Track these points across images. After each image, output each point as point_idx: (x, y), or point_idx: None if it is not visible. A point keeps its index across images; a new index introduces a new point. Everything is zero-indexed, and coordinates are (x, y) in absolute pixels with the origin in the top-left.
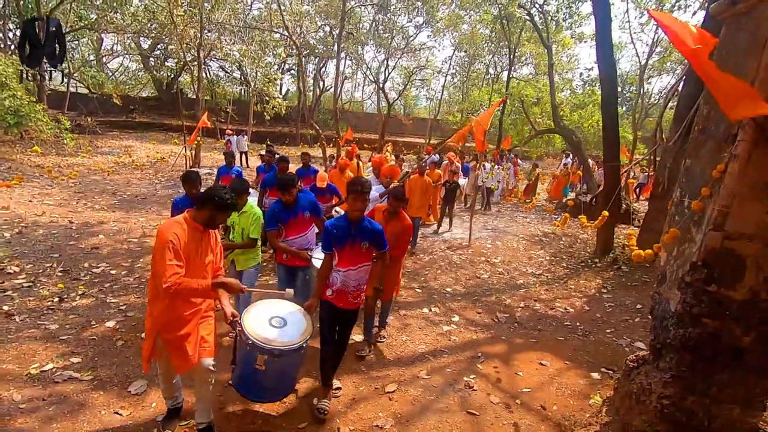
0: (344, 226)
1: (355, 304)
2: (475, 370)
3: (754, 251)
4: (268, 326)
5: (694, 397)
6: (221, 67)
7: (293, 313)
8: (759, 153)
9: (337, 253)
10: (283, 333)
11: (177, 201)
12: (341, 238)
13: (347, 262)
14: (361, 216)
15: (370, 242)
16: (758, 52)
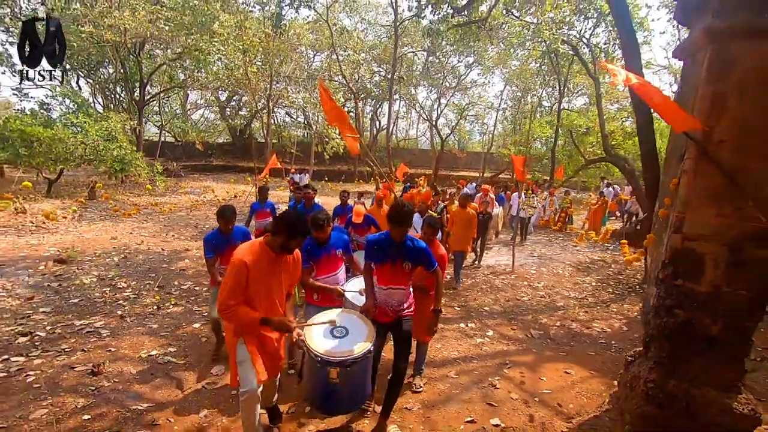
0: (386, 244)
1: (398, 315)
2: (501, 373)
3: (711, 250)
4: (331, 338)
5: (675, 381)
6: (287, 113)
7: (352, 320)
8: (702, 167)
9: (378, 270)
10: (347, 342)
11: (209, 237)
12: (382, 256)
13: (388, 280)
14: (403, 238)
15: (414, 262)
16: (697, 87)
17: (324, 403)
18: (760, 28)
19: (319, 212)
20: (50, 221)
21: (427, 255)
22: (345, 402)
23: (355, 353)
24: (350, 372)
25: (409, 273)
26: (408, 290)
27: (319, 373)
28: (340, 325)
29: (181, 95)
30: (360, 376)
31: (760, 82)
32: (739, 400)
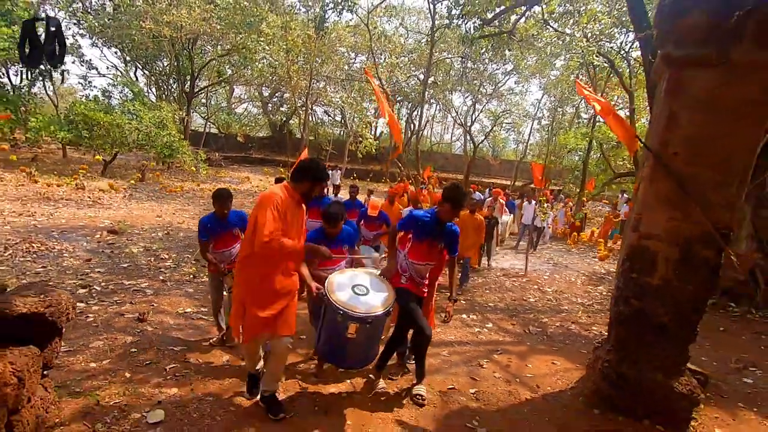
0: (431, 223)
1: (423, 292)
2: (490, 357)
3: (662, 248)
4: (353, 295)
5: (627, 363)
6: (325, 112)
7: (373, 280)
8: (658, 175)
9: (412, 244)
10: (368, 300)
11: (204, 219)
12: (424, 233)
13: (421, 256)
14: (449, 221)
15: (447, 244)
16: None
17: (335, 355)
18: (707, 58)
19: (332, 205)
20: (106, 194)
21: (457, 240)
22: (354, 358)
23: (376, 312)
24: (367, 329)
25: (440, 252)
26: (433, 267)
27: (338, 326)
28: (362, 284)
29: (227, 89)
30: (374, 335)
31: (706, 104)
32: (680, 381)
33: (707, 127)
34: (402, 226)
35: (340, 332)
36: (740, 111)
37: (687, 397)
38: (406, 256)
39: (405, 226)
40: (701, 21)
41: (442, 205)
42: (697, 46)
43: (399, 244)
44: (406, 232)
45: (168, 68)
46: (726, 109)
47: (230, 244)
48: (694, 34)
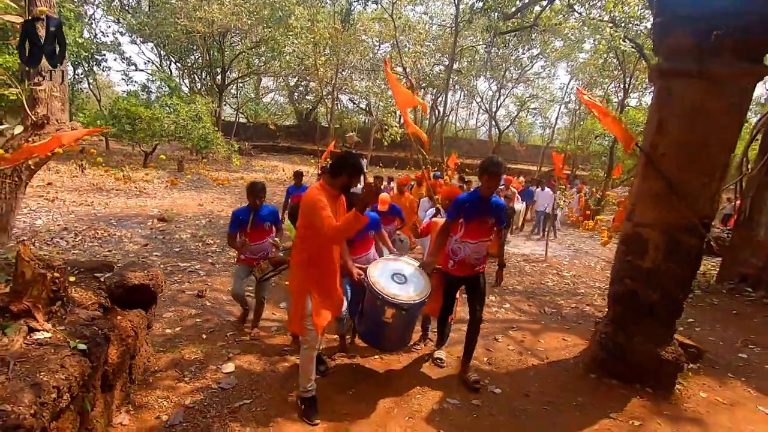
0: (476, 201)
1: (477, 270)
2: (506, 333)
3: (653, 235)
4: (392, 282)
5: (622, 335)
6: (350, 100)
7: (411, 271)
8: (649, 172)
9: (465, 226)
10: (406, 288)
11: (238, 212)
12: (472, 212)
13: (475, 235)
14: (492, 194)
15: (495, 218)
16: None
17: (371, 337)
18: (690, 71)
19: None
20: (150, 185)
21: (504, 212)
22: (388, 342)
23: (412, 300)
24: (403, 316)
25: (491, 227)
26: (488, 242)
27: (376, 310)
28: (400, 273)
29: (255, 80)
30: (408, 323)
31: (690, 111)
32: (667, 350)
33: (691, 131)
34: (452, 215)
35: (379, 316)
36: (719, 118)
37: (673, 363)
38: (459, 239)
39: (454, 214)
40: (685, 39)
41: (481, 179)
42: (683, 60)
43: (452, 232)
44: (457, 218)
45: (200, 61)
46: (707, 116)
47: (263, 237)
48: (679, 50)
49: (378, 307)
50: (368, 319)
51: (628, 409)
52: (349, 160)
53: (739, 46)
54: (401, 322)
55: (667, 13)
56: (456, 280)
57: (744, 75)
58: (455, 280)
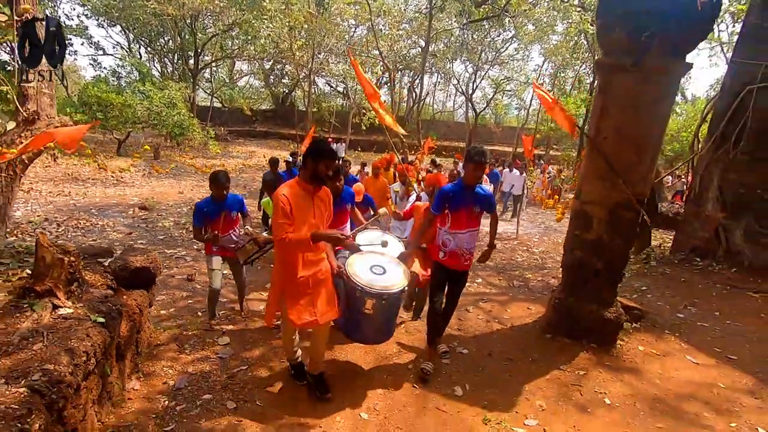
0: (461, 191)
1: (466, 265)
2: (476, 305)
3: (597, 211)
4: (371, 273)
5: (572, 298)
6: (327, 83)
7: (390, 262)
8: (593, 155)
9: (451, 216)
10: (385, 278)
11: (201, 204)
12: (458, 202)
13: (462, 224)
14: (477, 182)
15: (483, 206)
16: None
17: (353, 330)
18: (624, 65)
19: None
20: (127, 174)
21: (492, 201)
22: (371, 334)
23: (392, 289)
24: (384, 306)
25: (478, 216)
26: (477, 232)
27: (356, 302)
28: (379, 264)
29: (229, 64)
30: (390, 313)
31: (627, 100)
32: (610, 311)
33: (628, 117)
34: (437, 207)
35: (359, 308)
36: (650, 105)
37: (614, 322)
38: (448, 230)
39: (439, 206)
40: (622, 37)
41: (466, 168)
42: (620, 55)
43: (439, 223)
44: (442, 210)
45: (172, 45)
46: (641, 104)
47: (230, 227)
48: (617, 47)
49: (357, 299)
50: (349, 313)
51: (576, 362)
52: (311, 146)
53: (665, 44)
54: (382, 312)
55: (606, 15)
56: (446, 272)
57: (670, 69)
58: (446, 272)
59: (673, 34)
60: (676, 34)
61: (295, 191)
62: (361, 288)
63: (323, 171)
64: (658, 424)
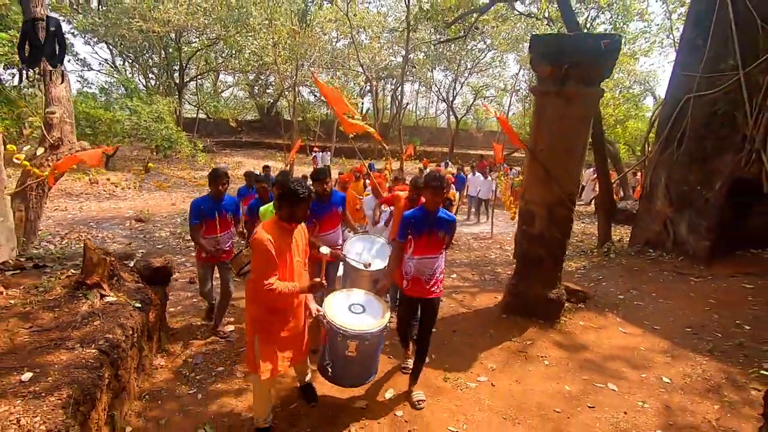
0: (422, 216)
1: (433, 293)
2: (449, 296)
3: (538, 210)
4: (350, 314)
5: (523, 283)
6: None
7: (368, 299)
8: (533, 164)
9: (414, 242)
10: (365, 318)
11: (198, 201)
12: (419, 228)
13: (423, 250)
14: (438, 207)
15: (446, 231)
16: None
17: (338, 374)
18: (551, 92)
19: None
20: (118, 187)
21: (454, 226)
22: (355, 375)
23: (373, 329)
24: (367, 346)
25: (442, 241)
26: (441, 257)
27: (338, 345)
28: (357, 303)
29: (213, 76)
30: (373, 351)
31: (555, 120)
32: (553, 292)
33: (557, 133)
34: (401, 235)
35: (342, 352)
36: (573, 124)
37: (556, 301)
38: (411, 256)
39: (402, 232)
40: (547, 68)
41: (424, 195)
42: (548, 84)
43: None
44: (406, 236)
45: (157, 60)
46: (566, 122)
47: (224, 229)
48: (546, 77)
49: (339, 342)
50: (331, 358)
51: (525, 335)
52: (286, 187)
53: (580, 74)
54: (366, 352)
55: (535, 51)
56: (411, 301)
57: (586, 94)
58: (411, 301)
59: (585, 68)
60: (587, 68)
61: (277, 231)
62: (344, 332)
63: (302, 215)
64: (584, 376)
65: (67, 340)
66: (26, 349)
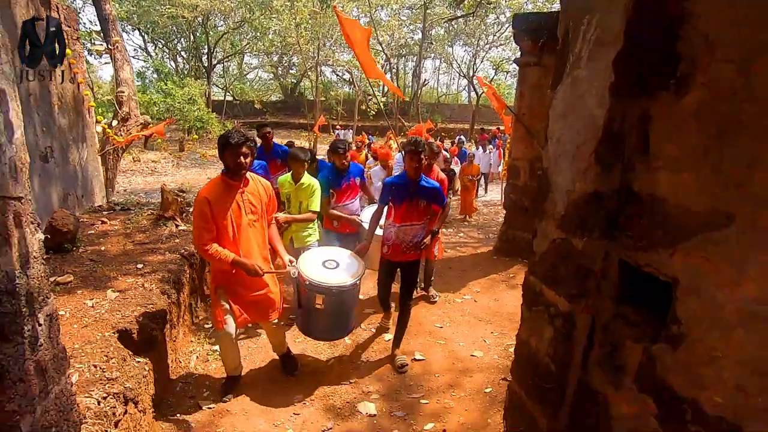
0: (403, 184)
1: (410, 256)
2: (455, 248)
3: (522, 165)
4: (322, 268)
5: (511, 229)
6: (333, 72)
7: (345, 256)
8: (517, 125)
9: (395, 209)
10: (337, 273)
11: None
12: (400, 196)
13: (404, 218)
14: (418, 175)
15: (428, 200)
16: None
17: (307, 326)
18: (533, 62)
19: (338, 140)
20: (158, 164)
21: (440, 193)
22: (326, 329)
23: (341, 284)
24: (335, 301)
25: (424, 210)
26: (423, 225)
27: (307, 297)
28: (332, 259)
29: (238, 58)
30: (343, 307)
31: (535, 87)
32: None
33: (536, 99)
34: (382, 199)
35: (311, 303)
36: None
37: None
38: (393, 223)
39: (383, 197)
40: (529, 43)
41: (404, 161)
42: (528, 56)
43: (387, 216)
44: (387, 201)
45: (186, 45)
46: (543, 89)
47: None
48: (527, 49)
49: (308, 294)
50: (304, 310)
51: (510, 270)
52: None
53: (551, 47)
54: (334, 307)
55: (518, 27)
56: (391, 265)
57: None
58: (390, 265)
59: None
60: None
61: (217, 189)
62: (310, 283)
63: (231, 162)
64: None
65: (158, 249)
66: (134, 253)
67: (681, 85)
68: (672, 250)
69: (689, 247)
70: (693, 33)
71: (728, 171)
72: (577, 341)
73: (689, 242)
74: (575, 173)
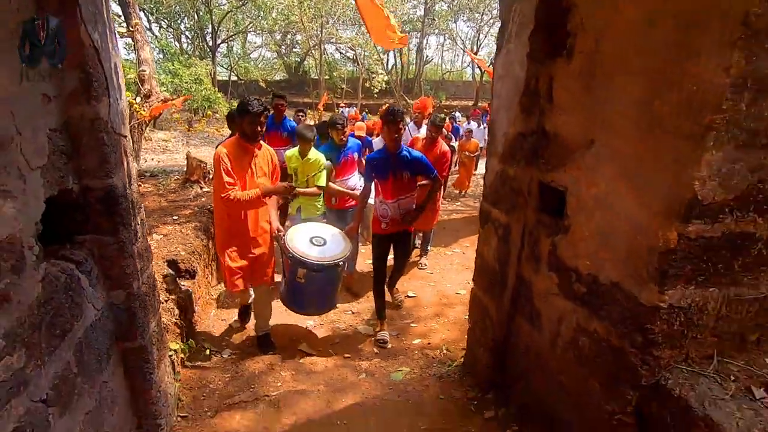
0: (384, 158)
1: (405, 227)
2: (449, 215)
3: None
4: (308, 243)
5: None
6: (337, 49)
7: (334, 235)
8: None
9: (381, 186)
10: (322, 250)
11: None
12: (383, 171)
13: (394, 193)
14: (398, 146)
15: (412, 171)
16: None
17: (288, 299)
18: None
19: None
20: (169, 143)
21: (423, 163)
22: (306, 304)
23: (323, 260)
24: (316, 277)
25: (409, 182)
26: (414, 196)
27: (291, 270)
28: (320, 236)
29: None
30: (325, 284)
31: None
32: None
33: None
34: (366, 177)
35: (292, 276)
36: None
37: None
38: (383, 200)
39: (367, 175)
40: None
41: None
42: None
43: (376, 194)
44: (371, 179)
45: (191, 24)
46: None
47: None
48: None
49: (291, 266)
50: (287, 281)
51: None
52: (241, 102)
53: None
54: (315, 283)
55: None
56: (386, 241)
57: None
58: (385, 242)
59: None
60: None
61: (234, 148)
62: (293, 256)
63: (249, 130)
64: None
65: (188, 206)
66: (169, 208)
67: (569, 54)
68: (564, 168)
69: (571, 164)
70: (575, 17)
71: (591, 110)
72: (513, 244)
73: (571, 161)
74: (509, 120)
